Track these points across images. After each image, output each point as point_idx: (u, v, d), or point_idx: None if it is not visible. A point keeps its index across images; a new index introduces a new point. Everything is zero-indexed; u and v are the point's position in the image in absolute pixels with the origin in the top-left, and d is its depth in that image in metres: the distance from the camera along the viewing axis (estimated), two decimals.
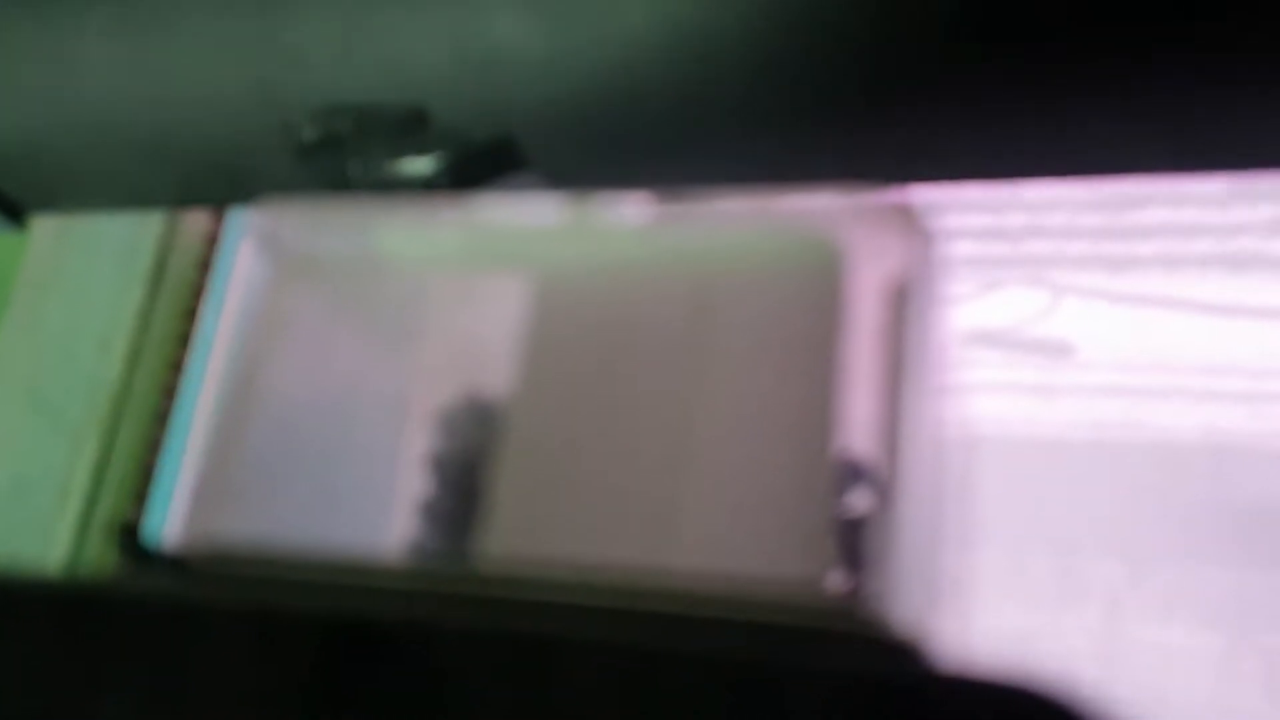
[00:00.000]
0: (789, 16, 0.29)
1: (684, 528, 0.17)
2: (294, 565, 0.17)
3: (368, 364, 0.21)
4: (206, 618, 0.14)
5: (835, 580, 0.16)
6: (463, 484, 0.19)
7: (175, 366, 0.47)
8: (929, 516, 0.18)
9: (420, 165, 0.39)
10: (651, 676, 0.12)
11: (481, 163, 0.38)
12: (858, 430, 0.17)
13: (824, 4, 0.28)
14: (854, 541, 0.17)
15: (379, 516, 0.19)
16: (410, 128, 0.36)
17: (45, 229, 0.47)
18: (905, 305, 0.17)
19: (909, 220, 0.17)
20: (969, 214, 0.61)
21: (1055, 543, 0.66)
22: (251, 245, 0.22)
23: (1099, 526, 0.61)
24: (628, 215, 0.18)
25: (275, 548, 0.17)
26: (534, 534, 0.17)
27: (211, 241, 0.49)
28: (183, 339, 0.47)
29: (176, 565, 0.17)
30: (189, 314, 0.47)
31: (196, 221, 0.49)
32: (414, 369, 0.21)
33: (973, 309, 0.58)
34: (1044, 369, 0.58)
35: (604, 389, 0.18)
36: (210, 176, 0.40)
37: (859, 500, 0.17)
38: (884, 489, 0.17)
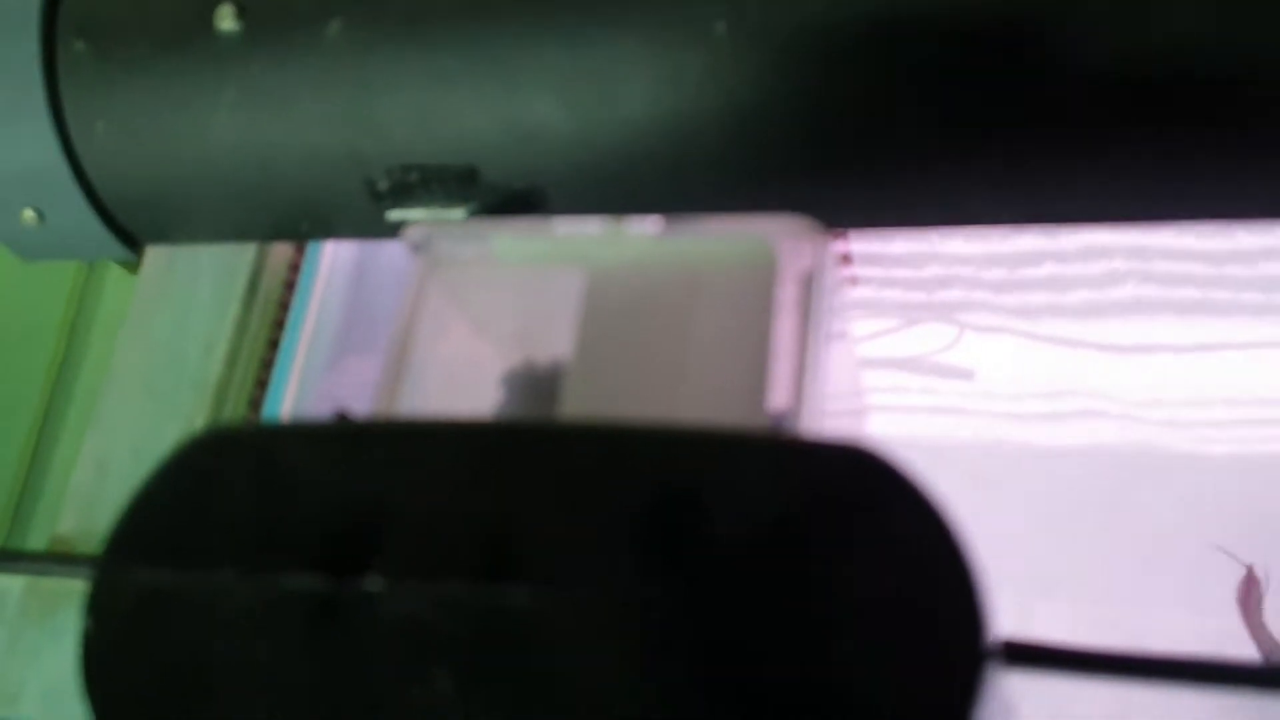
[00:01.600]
0: (746, 109, 0.37)
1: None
2: None
3: (474, 333, 0.31)
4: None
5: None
6: (535, 400, 0.30)
7: (266, 364, 0.57)
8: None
9: (462, 211, 0.48)
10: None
11: (512, 207, 0.47)
12: (781, 380, 0.28)
13: (772, 103, 0.37)
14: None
15: None
16: (464, 182, 0.46)
17: (155, 255, 0.56)
18: (812, 286, 0.28)
19: (815, 234, 0.28)
20: (895, 268, 0.71)
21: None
22: (404, 250, 0.31)
23: (1005, 540, 0.70)
24: (646, 228, 0.28)
25: None
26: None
27: (294, 267, 0.59)
28: (272, 343, 0.57)
29: None
30: (277, 324, 0.57)
31: (282, 251, 0.59)
32: (505, 334, 0.31)
33: (893, 341, 0.69)
34: (952, 394, 0.68)
35: (631, 341, 0.29)
36: (298, 217, 0.47)
37: (781, 412, 0.28)
38: (794, 402, 0.27)
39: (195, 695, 0.23)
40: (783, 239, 0.27)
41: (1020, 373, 0.69)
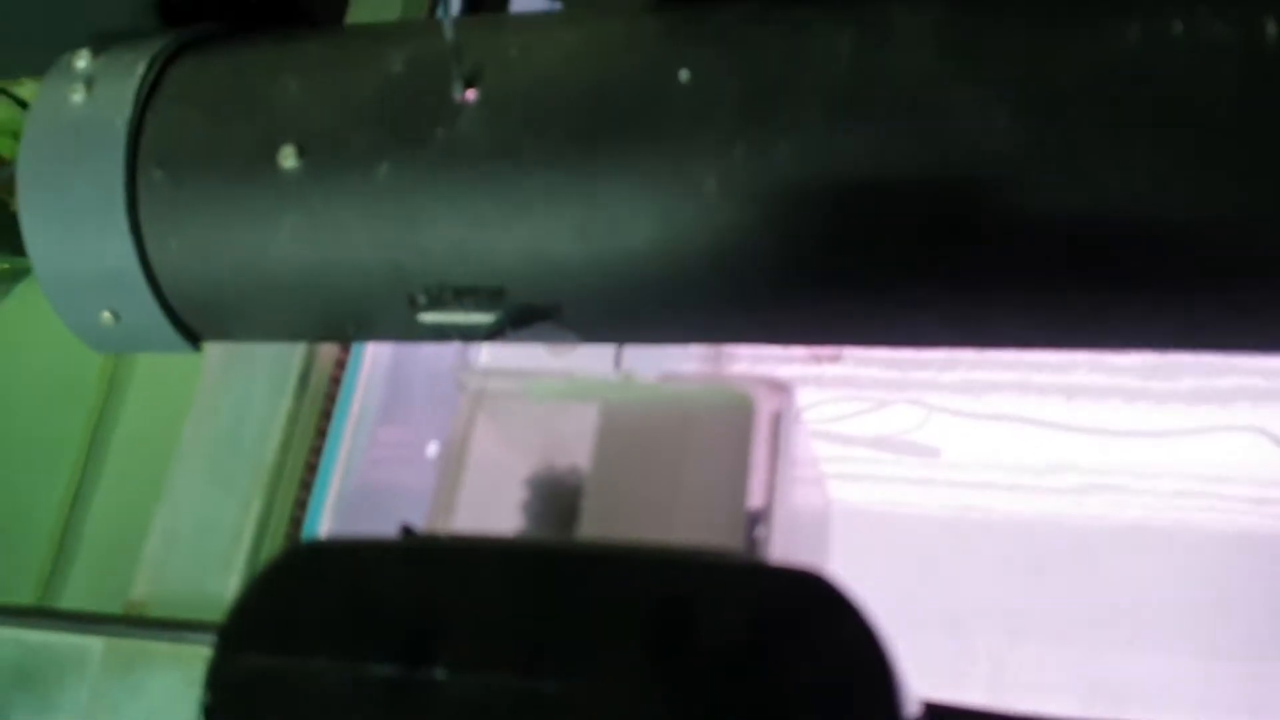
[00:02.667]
0: (731, 248, 0.43)
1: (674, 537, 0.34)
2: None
3: (511, 454, 0.37)
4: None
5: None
6: (556, 516, 0.36)
7: (316, 450, 0.63)
8: (794, 537, 0.35)
9: (485, 319, 0.54)
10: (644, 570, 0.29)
11: (531, 319, 0.53)
12: (758, 489, 0.34)
13: (753, 246, 0.43)
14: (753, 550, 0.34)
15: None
16: (492, 298, 0.52)
17: (214, 350, 0.62)
18: (780, 423, 0.34)
19: (781, 387, 0.34)
20: (874, 348, 0.77)
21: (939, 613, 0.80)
22: (456, 388, 0.37)
23: (976, 599, 0.75)
24: (652, 376, 0.35)
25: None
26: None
27: (341, 364, 0.65)
28: (320, 431, 0.63)
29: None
30: (325, 414, 0.63)
31: (329, 349, 0.65)
32: (534, 456, 0.38)
33: (866, 420, 0.75)
34: (920, 466, 0.74)
35: (637, 466, 0.35)
36: (346, 322, 0.52)
37: (759, 532, 0.34)
38: (767, 524, 0.34)
39: None
40: (758, 388, 0.33)
41: (983, 449, 0.76)
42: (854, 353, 0.73)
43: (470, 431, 0.35)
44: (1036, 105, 0.40)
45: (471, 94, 0.47)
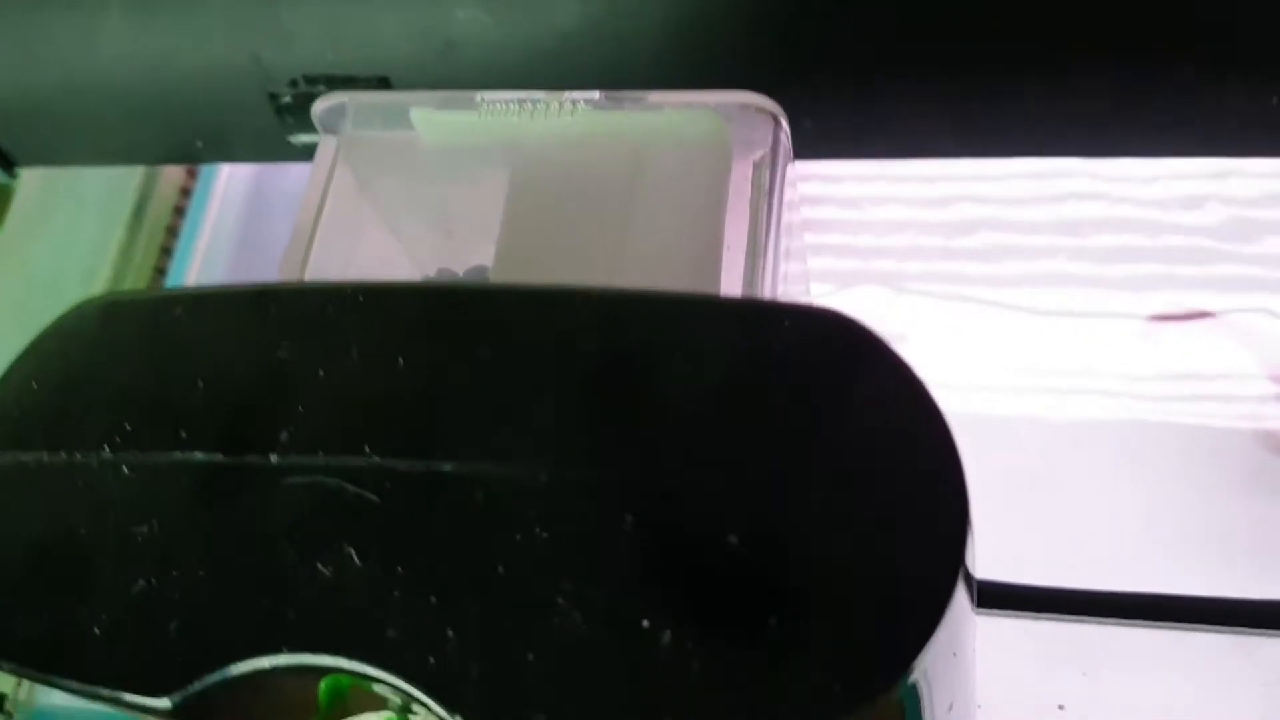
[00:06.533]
0: (691, 18, 0.36)
1: None
2: None
3: (387, 224, 0.29)
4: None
5: None
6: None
7: None
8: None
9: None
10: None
11: None
12: (733, 259, 0.26)
13: (715, 16, 0.36)
14: None
15: None
16: None
17: (31, 178, 0.53)
18: (765, 172, 0.26)
19: (767, 113, 0.26)
20: (827, 234, 0.71)
21: None
22: (318, 126, 0.29)
23: None
24: (585, 100, 0.27)
25: None
26: None
27: (185, 192, 0.56)
28: (160, 270, 0.54)
29: None
30: (165, 251, 0.54)
31: (172, 173, 0.56)
32: (423, 227, 0.29)
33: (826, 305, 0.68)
34: None
35: (568, 231, 0.27)
36: (193, 136, 0.45)
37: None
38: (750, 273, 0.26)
39: (71, 576, 0.20)
40: (736, 114, 0.25)
41: (954, 337, 0.69)
42: (806, 241, 0.66)
43: (330, 196, 0.26)
44: None
45: None
